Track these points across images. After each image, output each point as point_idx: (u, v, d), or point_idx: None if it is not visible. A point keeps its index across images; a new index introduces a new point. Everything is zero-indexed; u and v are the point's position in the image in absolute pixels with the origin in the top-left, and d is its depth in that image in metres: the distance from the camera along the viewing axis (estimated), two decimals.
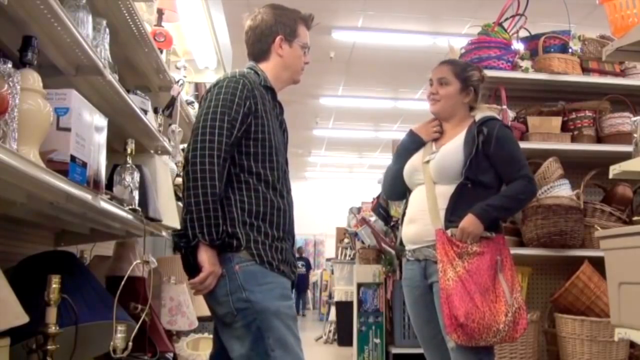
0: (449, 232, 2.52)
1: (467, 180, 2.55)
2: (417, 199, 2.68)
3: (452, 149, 2.63)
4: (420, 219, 2.62)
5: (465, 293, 2.41)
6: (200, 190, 1.96)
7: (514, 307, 2.45)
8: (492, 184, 2.61)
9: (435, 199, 2.59)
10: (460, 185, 2.56)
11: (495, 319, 2.41)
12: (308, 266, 15.21)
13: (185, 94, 4.07)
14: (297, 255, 15.16)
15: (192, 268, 2.02)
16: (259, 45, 2.29)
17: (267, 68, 2.28)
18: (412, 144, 2.81)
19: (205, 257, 1.97)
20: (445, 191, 2.58)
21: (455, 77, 2.73)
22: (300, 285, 14.96)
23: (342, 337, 7.59)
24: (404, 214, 2.78)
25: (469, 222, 2.50)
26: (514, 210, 2.84)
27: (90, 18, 2.11)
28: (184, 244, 2.00)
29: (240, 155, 2.10)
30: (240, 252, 2.02)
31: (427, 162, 2.67)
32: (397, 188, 2.86)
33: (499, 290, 2.46)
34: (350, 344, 6.36)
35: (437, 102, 2.74)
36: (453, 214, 2.54)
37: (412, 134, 2.84)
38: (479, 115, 2.69)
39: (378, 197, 6.19)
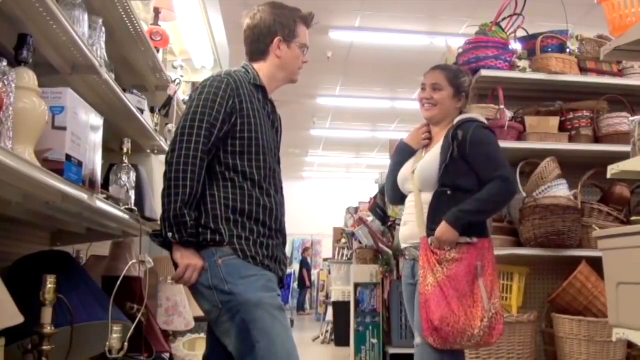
0: (429, 240, 2.56)
1: (445, 187, 2.58)
2: (408, 205, 2.76)
3: (432, 157, 2.67)
4: (411, 221, 2.69)
5: (443, 298, 2.46)
6: (173, 191, 2.00)
7: (490, 313, 2.48)
8: (472, 187, 2.60)
9: (422, 207, 2.63)
10: (438, 193, 2.59)
11: (471, 324, 2.45)
12: (306, 266, 15.19)
13: (182, 93, 4.06)
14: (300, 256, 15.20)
15: (176, 264, 2.07)
16: (256, 45, 2.28)
17: (263, 68, 2.27)
18: (403, 155, 2.86)
19: (179, 254, 2.03)
20: (429, 199, 2.62)
21: (448, 83, 2.75)
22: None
23: (340, 337, 7.58)
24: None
25: (443, 230, 2.52)
26: (490, 213, 2.81)
27: (86, 16, 2.10)
28: (159, 243, 2.08)
29: (226, 154, 2.11)
30: (224, 247, 2.05)
31: (414, 171, 2.71)
32: (397, 196, 2.91)
33: (477, 296, 2.50)
34: (347, 344, 6.36)
35: (433, 107, 2.75)
36: (433, 221, 2.57)
37: (402, 144, 2.90)
38: (457, 119, 2.71)
39: (375, 197, 6.18)
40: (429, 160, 2.67)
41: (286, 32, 2.26)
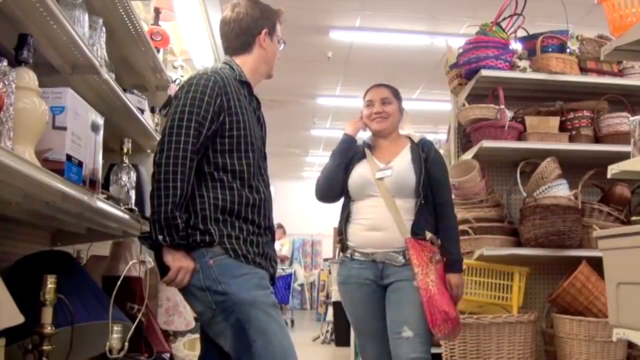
0: (428, 237, 2.76)
1: (420, 197, 2.80)
2: (378, 209, 2.83)
3: (405, 167, 2.85)
4: (387, 227, 2.80)
5: (445, 294, 2.71)
6: (163, 192, 1.97)
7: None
8: (431, 199, 2.85)
9: (398, 211, 2.79)
10: (420, 202, 2.80)
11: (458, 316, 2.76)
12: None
13: None
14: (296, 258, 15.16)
15: (163, 267, 2.04)
16: (242, 38, 2.27)
17: (246, 62, 2.27)
18: (345, 144, 3.04)
19: (170, 257, 2.01)
20: (404, 204, 2.80)
21: (394, 97, 3.00)
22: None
23: (340, 337, 7.58)
24: (347, 219, 2.93)
25: (458, 281, 2.79)
26: None
27: (86, 16, 2.10)
28: (149, 245, 2.07)
29: (215, 153, 2.09)
30: (214, 247, 2.03)
31: (381, 179, 2.84)
32: (334, 189, 3.00)
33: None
34: (347, 344, 6.36)
35: (384, 120, 2.95)
36: (418, 227, 2.77)
37: (344, 136, 3.08)
38: (416, 137, 2.99)
39: None
40: (403, 170, 2.84)
41: (270, 25, 2.29)
